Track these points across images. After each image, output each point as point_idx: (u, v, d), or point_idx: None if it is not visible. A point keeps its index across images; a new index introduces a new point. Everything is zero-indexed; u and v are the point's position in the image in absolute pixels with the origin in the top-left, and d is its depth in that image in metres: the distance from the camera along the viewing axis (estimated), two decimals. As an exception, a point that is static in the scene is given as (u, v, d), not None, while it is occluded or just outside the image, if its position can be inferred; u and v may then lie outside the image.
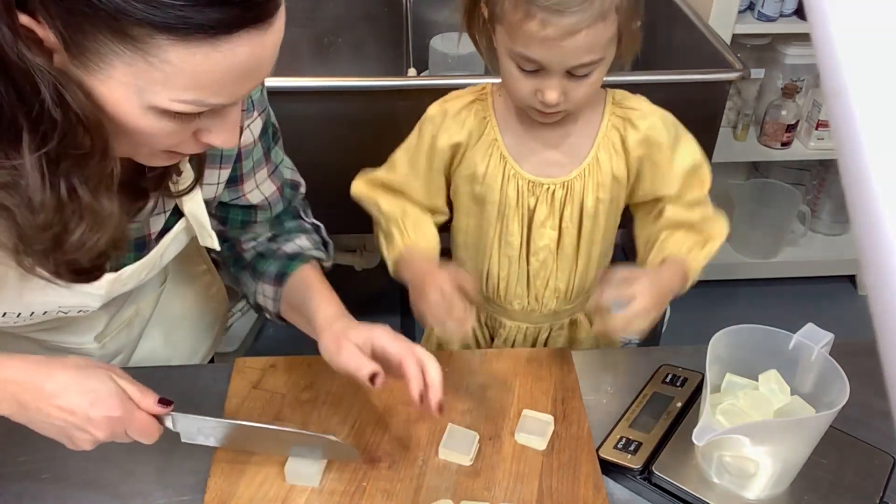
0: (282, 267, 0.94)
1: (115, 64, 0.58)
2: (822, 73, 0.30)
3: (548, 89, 0.86)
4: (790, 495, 0.80)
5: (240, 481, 0.82)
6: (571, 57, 0.83)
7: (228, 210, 0.94)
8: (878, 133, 0.28)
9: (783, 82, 2.04)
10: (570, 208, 0.99)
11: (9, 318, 0.80)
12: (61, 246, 0.66)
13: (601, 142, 0.98)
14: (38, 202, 0.62)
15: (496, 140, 0.97)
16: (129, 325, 1.01)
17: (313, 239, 0.99)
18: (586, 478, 0.83)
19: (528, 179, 0.98)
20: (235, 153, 0.87)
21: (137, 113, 0.61)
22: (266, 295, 0.94)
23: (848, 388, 0.75)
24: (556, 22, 0.80)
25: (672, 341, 1.91)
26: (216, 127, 0.66)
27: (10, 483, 0.83)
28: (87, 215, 0.66)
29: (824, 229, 2.32)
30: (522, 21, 0.81)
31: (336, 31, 1.90)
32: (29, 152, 0.60)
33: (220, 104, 0.63)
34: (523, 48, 0.83)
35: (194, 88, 0.60)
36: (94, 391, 0.71)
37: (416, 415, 0.91)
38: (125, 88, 0.59)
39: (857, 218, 0.30)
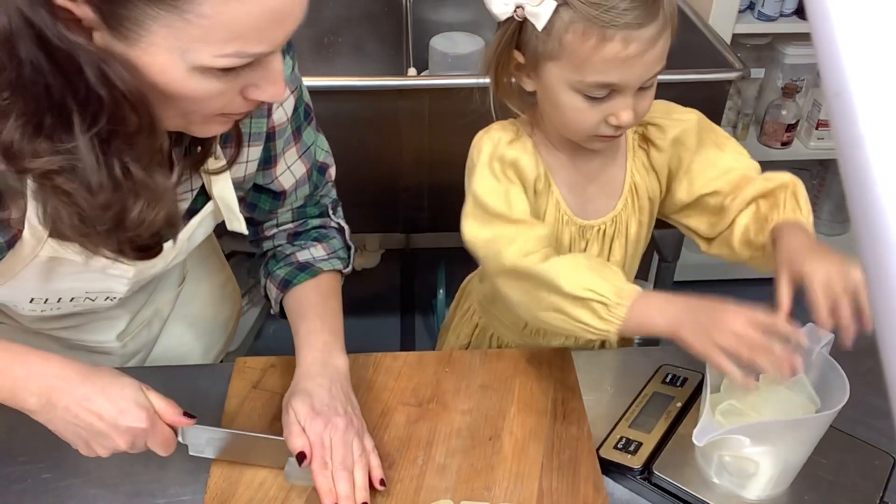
0: (289, 275, 0.94)
1: (153, 29, 0.58)
2: (823, 73, 0.30)
3: (622, 110, 0.82)
4: (790, 495, 0.80)
5: (240, 481, 0.82)
6: (648, 70, 0.80)
7: (260, 196, 0.93)
8: (879, 133, 0.28)
9: (783, 82, 2.04)
10: (618, 242, 0.97)
11: (37, 304, 0.81)
12: (122, 224, 0.67)
13: (632, 165, 0.96)
14: (95, 183, 0.63)
15: (550, 184, 0.93)
16: (150, 325, 1.03)
17: (331, 247, 0.98)
18: (586, 478, 0.83)
19: (580, 225, 0.95)
20: (265, 131, 0.87)
21: (184, 76, 0.61)
22: (270, 293, 0.96)
23: (848, 388, 0.75)
24: (637, 37, 0.77)
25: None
26: (262, 80, 0.66)
27: (11, 483, 0.83)
28: (142, 192, 0.67)
29: (824, 229, 2.32)
30: (597, 47, 0.77)
31: (336, 31, 1.90)
32: (81, 134, 0.61)
33: (262, 52, 0.63)
34: (599, 75, 0.79)
35: (233, 39, 0.60)
36: (124, 400, 0.72)
37: (415, 415, 0.91)
38: (168, 53, 0.60)
39: (858, 218, 0.30)
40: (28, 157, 0.61)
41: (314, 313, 0.90)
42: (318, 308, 0.91)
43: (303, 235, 0.98)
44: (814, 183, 2.32)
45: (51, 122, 0.61)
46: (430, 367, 0.98)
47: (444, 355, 1.00)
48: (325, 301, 0.92)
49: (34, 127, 0.61)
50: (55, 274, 0.77)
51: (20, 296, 0.80)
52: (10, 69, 0.58)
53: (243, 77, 0.65)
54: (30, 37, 0.57)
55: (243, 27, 0.59)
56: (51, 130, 0.61)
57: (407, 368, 0.98)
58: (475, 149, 0.91)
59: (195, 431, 0.79)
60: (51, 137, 0.61)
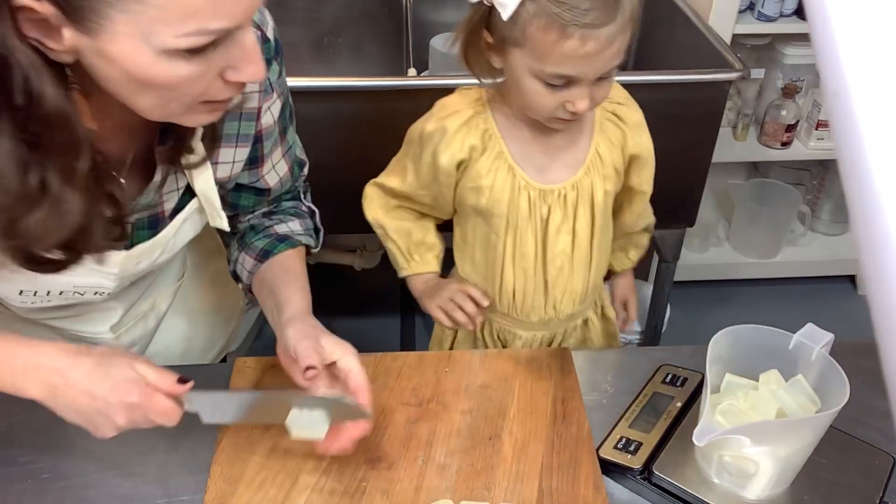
0: (269, 245, 0.95)
1: (113, 16, 0.58)
2: (822, 73, 0.30)
3: (578, 99, 0.87)
4: (790, 495, 0.80)
5: (240, 481, 0.82)
6: (605, 65, 0.85)
7: (240, 195, 0.95)
8: (878, 133, 0.28)
9: (783, 82, 2.04)
10: (582, 208, 1.00)
11: (26, 296, 0.81)
12: (13, 227, 0.67)
13: (598, 137, 1.00)
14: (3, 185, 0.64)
15: (502, 152, 0.97)
16: (145, 318, 1.02)
17: (305, 224, 1.01)
18: (586, 478, 0.83)
19: (539, 189, 0.98)
20: (253, 133, 0.88)
21: (153, 61, 0.62)
22: (244, 266, 0.97)
23: (848, 388, 0.75)
24: (595, 36, 0.81)
25: (672, 341, 1.90)
26: (238, 61, 0.66)
27: (11, 483, 0.83)
28: (48, 206, 0.67)
29: (824, 229, 2.32)
30: (557, 42, 0.82)
31: (336, 31, 1.90)
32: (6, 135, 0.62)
33: (223, 28, 0.62)
34: (557, 67, 0.84)
35: (189, 16, 0.60)
36: (112, 377, 0.72)
37: (415, 415, 0.91)
38: (132, 39, 0.60)
39: (857, 218, 0.30)
40: None
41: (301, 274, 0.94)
42: (302, 273, 0.94)
43: (277, 213, 1.00)
44: (814, 183, 2.32)
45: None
46: (430, 367, 0.98)
47: (444, 355, 1.00)
48: (304, 272, 0.95)
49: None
50: None
51: (9, 287, 0.80)
52: None
53: (217, 59, 0.65)
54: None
55: (197, 3, 0.59)
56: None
57: (407, 368, 0.98)
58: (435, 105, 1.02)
59: (197, 398, 0.77)
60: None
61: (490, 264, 1.05)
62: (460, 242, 1.08)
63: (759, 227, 2.21)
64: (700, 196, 1.58)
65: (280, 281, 0.92)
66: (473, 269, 1.07)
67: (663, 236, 1.66)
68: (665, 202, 1.53)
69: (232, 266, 1.00)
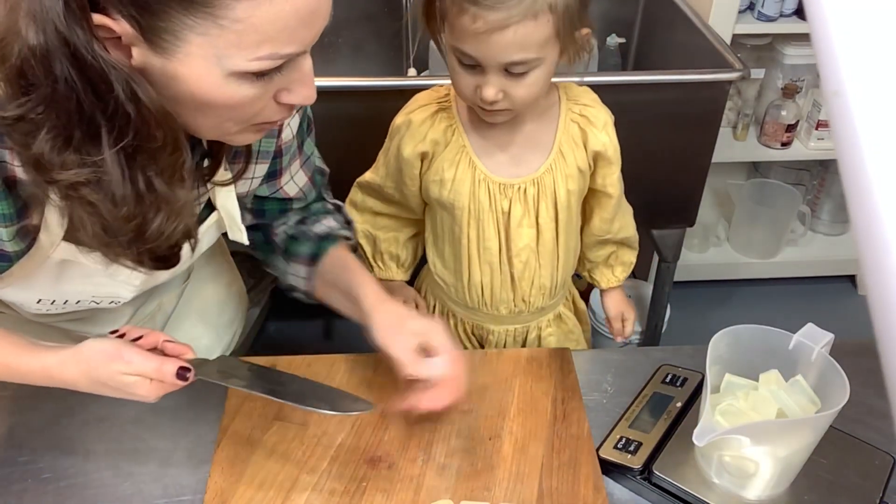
0: (314, 248, 0.97)
1: (189, 38, 0.60)
2: (822, 74, 0.30)
3: (485, 86, 0.88)
4: (790, 495, 0.80)
5: (240, 481, 0.82)
6: (502, 53, 0.85)
7: (265, 202, 0.97)
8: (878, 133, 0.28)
9: (783, 82, 2.04)
10: (544, 203, 1.01)
11: (44, 304, 0.83)
12: (143, 235, 0.70)
13: (562, 136, 1.00)
14: (119, 196, 0.66)
15: (464, 146, 0.99)
16: (152, 319, 1.04)
17: (338, 218, 1.02)
18: (586, 478, 0.83)
19: (499, 182, 0.99)
20: (273, 149, 0.90)
21: (220, 83, 0.63)
22: (298, 275, 0.98)
23: (848, 388, 0.75)
24: (484, 16, 0.82)
25: (672, 341, 1.90)
26: (293, 84, 0.69)
27: (11, 483, 0.83)
28: (163, 205, 0.69)
29: (824, 229, 2.32)
30: (457, 15, 0.84)
31: (336, 31, 1.90)
32: (108, 148, 0.63)
33: (293, 53, 0.65)
34: (459, 42, 0.86)
35: (265, 41, 0.62)
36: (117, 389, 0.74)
37: (415, 415, 0.91)
38: (204, 61, 0.61)
39: (857, 218, 0.30)
40: (57, 168, 0.63)
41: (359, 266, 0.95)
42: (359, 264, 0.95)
43: (309, 217, 1.01)
44: (814, 183, 2.32)
45: (80, 136, 0.63)
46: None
47: (444, 355, 1.00)
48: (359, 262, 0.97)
49: (64, 140, 0.63)
50: (64, 276, 0.79)
51: (29, 295, 0.81)
52: (45, 85, 0.60)
53: (276, 81, 0.67)
54: (65, 55, 0.59)
55: (274, 29, 0.61)
56: (79, 144, 0.63)
57: (407, 368, 0.98)
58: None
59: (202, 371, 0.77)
60: (79, 150, 0.63)
61: (458, 259, 1.07)
62: (431, 239, 1.11)
63: (759, 227, 2.20)
64: (700, 196, 1.58)
65: (343, 279, 0.93)
66: (444, 266, 1.09)
67: (663, 236, 1.66)
68: (665, 202, 1.53)
69: (283, 278, 1.01)
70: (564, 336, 1.17)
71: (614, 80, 1.42)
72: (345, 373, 0.96)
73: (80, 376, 0.74)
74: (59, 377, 0.75)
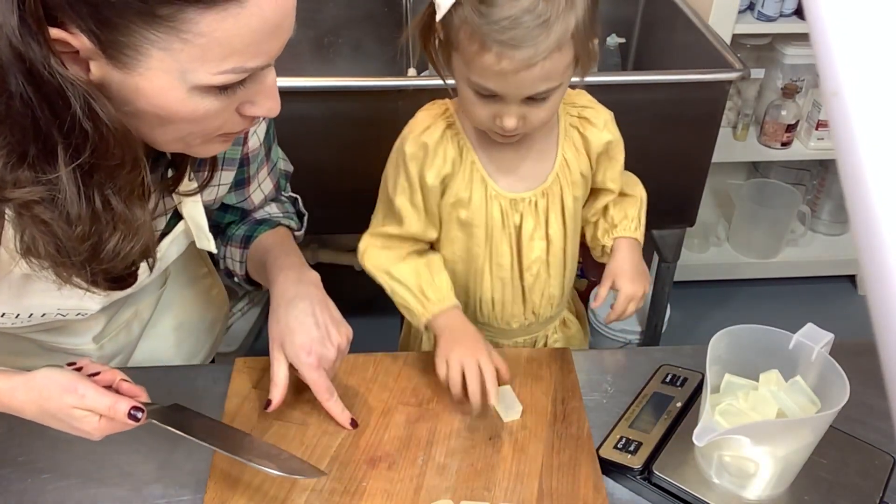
0: (248, 231, 0.97)
1: (151, 52, 0.59)
2: (821, 74, 0.30)
3: (506, 116, 0.85)
4: (790, 495, 0.80)
5: (240, 481, 0.82)
6: (528, 87, 0.83)
7: (225, 214, 0.97)
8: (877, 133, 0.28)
9: (783, 82, 2.04)
10: (554, 214, 1.00)
11: (7, 318, 0.81)
12: (97, 255, 0.68)
13: (563, 143, 0.99)
14: (74, 214, 0.64)
15: (474, 162, 0.96)
16: (128, 327, 1.01)
17: (284, 208, 1.02)
18: (586, 478, 0.83)
19: (510, 198, 0.97)
20: (239, 157, 0.89)
21: (184, 97, 0.62)
22: (234, 258, 0.98)
23: (848, 388, 0.75)
24: (511, 55, 0.78)
25: (672, 341, 1.91)
26: (257, 96, 0.67)
27: (11, 483, 0.83)
28: (120, 224, 0.68)
29: (824, 229, 2.32)
30: (478, 53, 0.80)
31: (336, 31, 1.90)
32: (64, 166, 0.61)
33: (258, 66, 0.63)
34: (479, 78, 0.83)
35: (231, 55, 0.60)
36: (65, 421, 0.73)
37: (415, 415, 0.91)
38: (167, 75, 0.60)
39: (856, 218, 0.30)
40: (10, 186, 0.62)
41: (279, 249, 0.94)
42: (281, 246, 0.94)
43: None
44: (814, 183, 2.32)
45: (35, 153, 0.61)
46: (430, 367, 0.98)
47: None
48: (286, 241, 0.96)
49: (18, 157, 0.61)
50: (27, 290, 0.77)
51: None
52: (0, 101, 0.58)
53: (240, 94, 0.65)
54: (20, 70, 0.57)
55: (239, 43, 0.60)
56: (34, 161, 0.61)
57: (407, 368, 0.98)
58: (405, 127, 0.97)
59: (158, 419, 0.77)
60: (33, 167, 0.62)
61: (471, 276, 1.04)
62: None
63: (759, 227, 2.21)
64: (700, 196, 1.58)
65: (262, 259, 0.93)
66: (455, 283, 1.03)
67: (663, 236, 1.66)
68: (665, 202, 1.53)
69: (223, 264, 1.01)
70: (567, 341, 1.16)
71: (614, 80, 1.42)
72: (345, 373, 0.96)
73: (28, 404, 0.72)
74: (7, 402, 0.72)
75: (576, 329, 1.18)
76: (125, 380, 0.76)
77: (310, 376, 0.85)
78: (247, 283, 1.00)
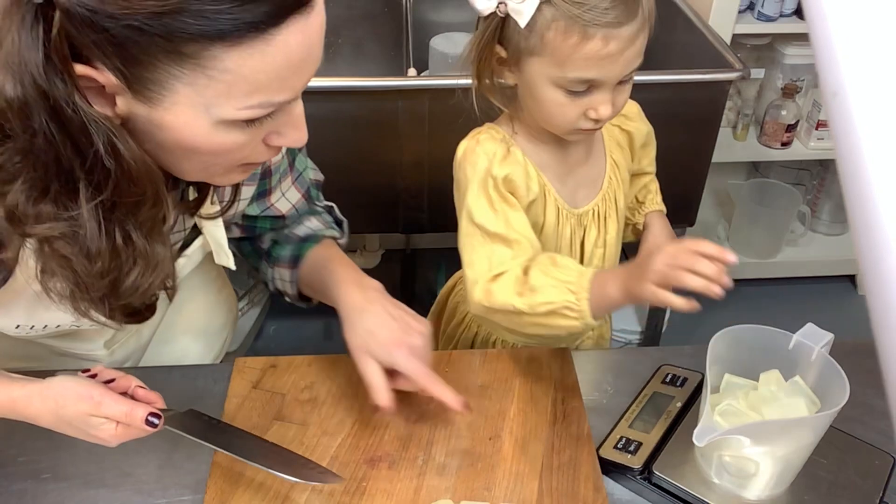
0: (295, 250, 0.96)
1: (176, 88, 0.58)
2: (821, 74, 0.30)
3: (601, 105, 0.85)
4: (790, 495, 0.80)
5: (240, 481, 0.82)
6: (627, 66, 0.84)
7: (256, 220, 0.95)
8: (877, 133, 0.29)
9: (783, 82, 2.04)
10: (611, 219, 1.00)
11: (22, 329, 0.81)
12: (116, 291, 0.68)
13: (609, 143, 0.99)
14: (94, 250, 0.64)
15: (546, 185, 0.95)
16: (139, 332, 1.02)
17: (324, 219, 1.01)
18: (586, 478, 0.83)
19: (578, 214, 0.97)
20: (261, 171, 0.89)
21: (209, 131, 0.62)
22: (283, 279, 0.98)
23: (848, 388, 0.75)
24: (617, 35, 0.80)
25: (672, 341, 1.91)
26: (284, 127, 0.67)
27: (10, 483, 0.83)
28: (140, 260, 0.67)
29: (824, 229, 2.32)
30: (579, 44, 0.80)
31: (336, 31, 1.90)
32: (86, 202, 0.62)
33: (285, 100, 0.63)
34: (579, 72, 0.82)
35: (257, 91, 0.60)
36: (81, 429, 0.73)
37: (416, 415, 0.91)
38: (192, 110, 0.60)
39: (856, 218, 0.30)
40: (31, 221, 0.62)
41: (332, 263, 0.93)
42: (333, 260, 0.94)
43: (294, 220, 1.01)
44: (814, 183, 2.32)
45: (57, 188, 0.61)
46: (430, 367, 0.98)
47: (444, 355, 1.00)
48: (335, 253, 0.96)
49: (40, 191, 0.61)
50: (44, 305, 0.76)
51: (6, 322, 0.79)
52: (23, 138, 0.58)
53: (266, 126, 0.65)
54: (44, 108, 0.57)
55: (266, 78, 0.60)
56: (56, 196, 0.62)
57: (407, 368, 0.98)
58: (468, 163, 0.92)
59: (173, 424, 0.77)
60: (55, 203, 0.62)
61: None
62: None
63: (759, 227, 2.20)
64: (700, 196, 1.58)
65: (320, 280, 0.93)
66: None
67: (663, 236, 1.66)
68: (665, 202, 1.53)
69: (272, 285, 1.00)
70: (599, 337, 1.15)
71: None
72: (345, 373, 0.96)
73: (44, 413, 0.72)
74: (24, 411, 0.72)
75: (605, 328, 1.17)
76: (141, 386, 0.76)
77: (408, 366, 0.83)
78: (299, 300, 1.00)
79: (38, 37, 0.55)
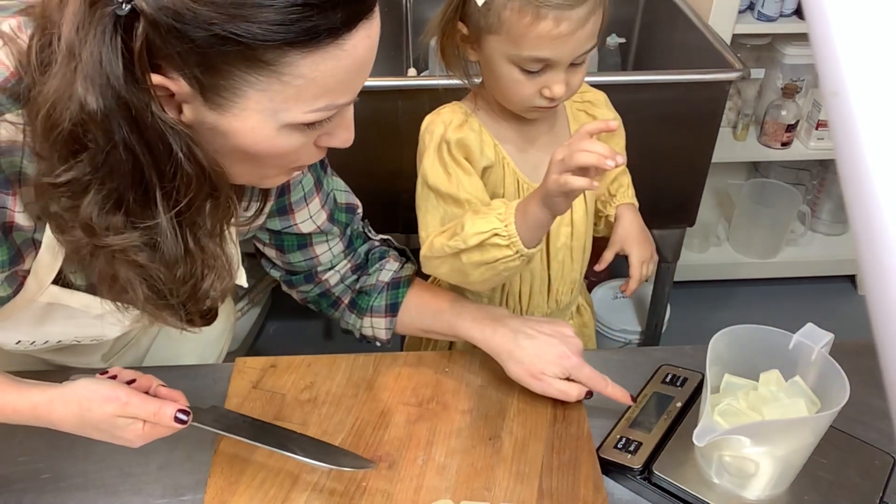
0: (391, 298, 0.98)
1: (249, 94, 0.59)
2: (821, 74, 0.30)
3: (555, 84, 0.88)
4: (790, 495, 0.80)
5: (240, 481, 0.82)
6: (579, 47, 0.86)
7: (283, 237, 0.94)
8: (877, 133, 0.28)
9: (783, 82, 2.04)
10: (578, 199, 1.00)
11: (22, 344, 0.80)
12: (195, 295, 0.69)
13: (574, 127, 1.01)
14: (172, 257, 0.64)
15: (505, 157, 0.97)
16: (136, 343, 1.01)
17: (395, 256, 1.02)
18: (586, 478, 0.83)
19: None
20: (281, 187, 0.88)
21: (273, 135, 0.63)
22: (378, 327, 0.99)
23: (848, 388, 0.75)
24: (568, 17, 0.82)
25: (672, 341, 1.90)
26: (336, 128, 0.68)
27: (10, 483, 0.83)
28: (212, 262, 0.68)
29: (824, 229, 2.32)
30: (532, 24, 0.83)
31: (336, 31, 1.90)
32: (163, 211, 0.62)
33: (346, 103, 0.65)
34: (533, 50, 0.85)
35: (325, 94, 0.61)
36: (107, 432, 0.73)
37: (415, 415, 0.91)
38: (259, 115, 0.61)
39: (856, 218, 0.30)
40: (103, 231, 0.62)
41: (439, 302, 0.97)
42: (439, 298, 0.98)
43: (366, 267, 1.01)
44: (814, 183, 2.32)
45: (132, 199, 0.62)
46: (430, 367, 0.98)
47: (444, 355, 1.00)
48: (433, 290, 0.99)
49: (114, 203, 0.61)
50: (49, 319, 0.76)
51: (8, 336, 0.78)
52: (101, 150, 0.59)
53: (324, 127, 0.66)
54: (125, 118, 0.58)
55: (333, 82, 0.61)
56: (131, 206, 0.62)
57: (407, 368, 0.98)
58: (427, 132, 0.96)
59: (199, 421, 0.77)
60: (130, 213, 0.62)
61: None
62: None
63: (759, 227, 2.20)
64: (700, 196, 1.58)
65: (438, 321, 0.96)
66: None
67: (663, 236, 1.66)
68: (665, 202, 1.53)
69: (358, 333, 1.01)
70: (580, 330, 1.17)
71: (614, 80, 1.42)
72: (345, 373, 0.97)
73: (68, 416, 0.71)
74: (46, 416, 0.72)
75: (588, 316, 1.19)
76: (162, 385, 0.76)
77: (584, 374, 0.89)
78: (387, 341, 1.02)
79: (118, 48, 0.56)
